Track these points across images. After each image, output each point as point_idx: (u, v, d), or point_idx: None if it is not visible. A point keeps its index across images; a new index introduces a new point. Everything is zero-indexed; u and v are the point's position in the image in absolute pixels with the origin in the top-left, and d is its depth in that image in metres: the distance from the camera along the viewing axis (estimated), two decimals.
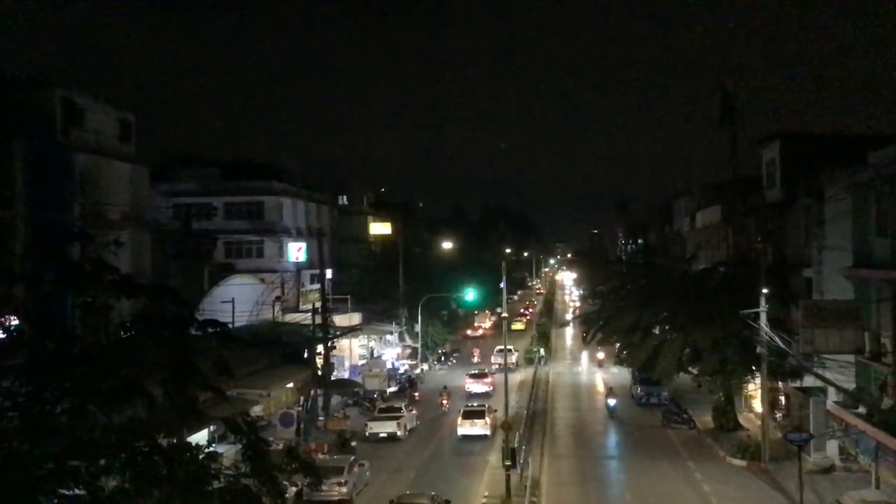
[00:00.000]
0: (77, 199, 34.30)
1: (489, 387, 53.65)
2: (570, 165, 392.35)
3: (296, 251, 60.82)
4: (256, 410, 34.19)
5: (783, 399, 39.63)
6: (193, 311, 16.86)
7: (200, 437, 20.17)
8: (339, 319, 52.31)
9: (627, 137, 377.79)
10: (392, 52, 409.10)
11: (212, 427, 27.11)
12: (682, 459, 36.37)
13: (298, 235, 63.08)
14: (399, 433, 41.12)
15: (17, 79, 33.94)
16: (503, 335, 40.50)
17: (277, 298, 53.11)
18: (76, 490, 11.25)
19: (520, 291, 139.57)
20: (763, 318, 32.85)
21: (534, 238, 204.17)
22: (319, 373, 43.09)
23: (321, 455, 34.73)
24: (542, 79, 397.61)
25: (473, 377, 55.28)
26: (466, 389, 53.78)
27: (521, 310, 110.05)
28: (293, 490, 26.18)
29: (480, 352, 70.39)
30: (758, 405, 39.40)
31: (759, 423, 36.54)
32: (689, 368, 41.83)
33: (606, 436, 42.83)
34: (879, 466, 28.00)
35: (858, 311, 29.37)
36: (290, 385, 41.32)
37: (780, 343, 31.71)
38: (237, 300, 45.43)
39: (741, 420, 41.40)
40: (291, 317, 51.61)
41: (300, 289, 60.72)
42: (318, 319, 43.17)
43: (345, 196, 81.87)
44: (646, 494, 31.91)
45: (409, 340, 65.15)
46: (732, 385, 40.94)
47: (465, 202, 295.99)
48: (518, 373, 61.07)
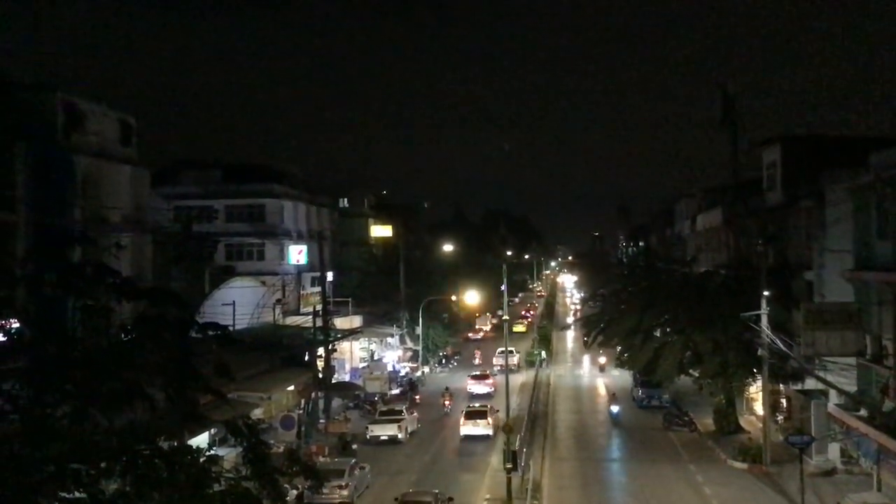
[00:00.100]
0: (78, 202, 34.21)
1: (491, 388, 53.84)
2: (571, 168, 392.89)
3: (297, 254, 60.80)
4: (257, 413, 34.20)
5: (784, 402, 39.61)
6: (194, 314, 16.87)
7: (201, 440, 20.14)
8: (340, 322, 52.35)
9: (628, 140, 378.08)
10: (393, 54, 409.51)
11: (213, 430, 27.07)
12: (684, 462, 36.37)
13: (299, 238, 63.08)
14: (400, 436, 41.12)
15: (19, 82, 33.92)
16: (504, 337, 40.55)
17: (278, 301, 53.13)
18: (77, 493, 11.24)
19: (521, 294, 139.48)
20: (764, 321, 32.84)
21: (535, 240, 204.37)
22: (320, 376, 43.10)
23: (322, 458, 34.75)
24: (543, 80, 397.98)
25: (475, 378, 55.57)
26: (468, 390, 54.07)
27: (523, 312, 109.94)
28: (294, 493, 26.18)
29: (482, 354, 70.30)
30: (759, 408, 39.36)
31: (761, 426, 36.52)
32: (690, 371, 41.82)
33: (608, 438, 42.81)
34: (881, 469, 27.99)
35: (859, 314, 29.37)
36: (291, 388, 41.35)
37: (782, 346, 31.71)
38: (238, 303, 45.42)
39: (742, 423, 41.39)
40: (292, 319, 51.62)
41: (301, 291, 60.72)
42: (319, 322, 43.20)
43: (346, 199, 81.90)
44: (647, 497, 31.94)
45: (410, 343, 65.09)
46: (733, 388, 40.95)
47: (466, 204, 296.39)
48: (519, 375, 61.34)
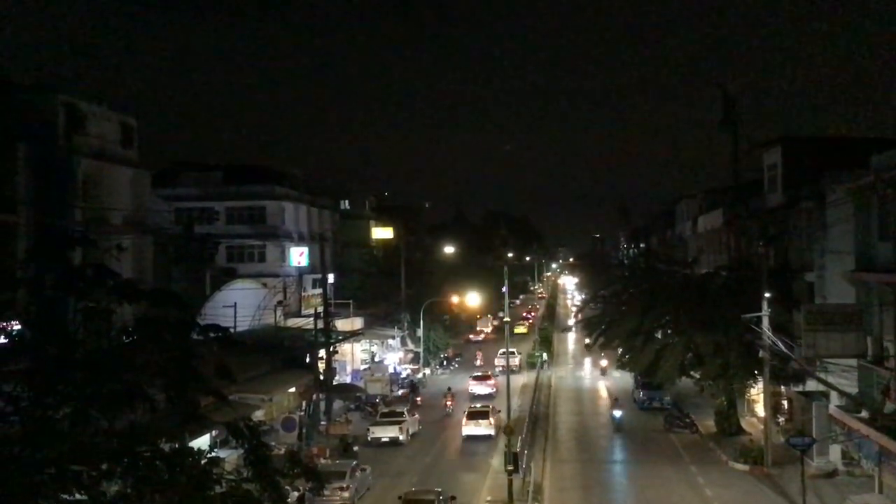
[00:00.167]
0: (79, 204, 34.29)
1: (492, 388, 54.20)
2: (572, 169, 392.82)
3: (298, 256, 60.81)
4: (258, 415, 34.20)
5: (786, 403, 39.58)
6: (195, 316, 16.88)
7: (202, 442, 20.11)
8: (341, 324, 52.38)
9: (629, 141, 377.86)
10: (393, 55, 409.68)
11: (214, 432, 27.08)
12: (685, 464, 36.34)
13: (300, 240, 63.09)
14: (401, 438, 41.13)
15: (20, 83, 34.00)
16: (506, 339, 40.60)
17: (279, 303, 53.09)
18: (77, 495, 11.24)
19: (522, 296, 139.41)
20: (765, 323, 32.82)
21: (535, 242, 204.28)
22: (321, 377, 43.06)
23: (323, 460, 34.74)
24: (544, 81, 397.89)
25: (477, 379, 56.04)
26: (470, 391, 54.45)
27: (524, 313, 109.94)
28: (295, 495, 26.17)
29: (483, 355, 70.40)
30: (760, 409, 39.34)
31: (762, 428, 36.49)
32: (692, 373, 41.82)
33: (609, 440, 42.74)
34: (882, 471, 27.94)
35: (861, 316, 29.33)
36: (292, 390, 41.36)
37: (783, 347, 31.67)
38: (239, 305, 45.40)
39: (744, 424, 41.37)
40: (293, 321, 51.59)
41: (302, 293, 60.69)
42: (320, 324, 43.19)
43: (347, 200, 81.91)
44: (648, 499, 31.92)
45: (412, 345, 65.12)
46: (735, 389, 40.94)
47: (467, 206, 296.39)
48: (521, 376, 61.55)
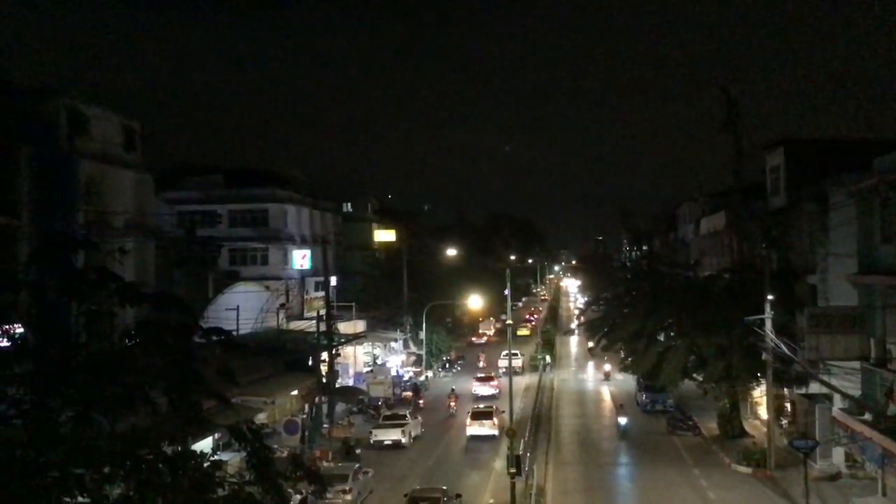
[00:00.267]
0: (81, 207, 34.32)
1: (496, 389, 54.77)
2: (574, 171, 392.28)
3: (300, 258, 60.83)
4: (261, 418, 34.19)
5: (789, 406, 39.54)
6: (198, 319, 16.85)
7: (205, 445, 20.08)
8: (344, 327, 52.37)
9: (632, 143, 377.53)
10: (395, 58, 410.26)
11: (216, 435, 27.03)
12: (688, 466, 36.30)
13: (303, 243, 63.09)
14: (404, 441, 41.14)
15: (23, 87, 34.01)
16: (508, 341, 40.69)
17: (282, 306, 53.09)
18: (80, 498, 11.24)
19: (524, 298, 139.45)
20: (768, 325, 32.78)
21: (538, 244, 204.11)
22: (324, 380, 43.06)
23: (326, 463, 34.72)
24: (545, 83, 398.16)
25: (480, 380, 56.81)
26: (473, 392, 55.12)
27: (526, 316, 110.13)
28: (298, 498, 26.13)
29: (486, 357, 70.68)
30: (763, 412, 39.29)
31: (765, 430, 36.43)
32: (694, 375, 41.76)
33: (611, 443, 42.67)
34: (886, 474, 27.86)
35: (864, 318, 29.27)
36: (295, 392, 41.32)
37: (786, 350, 31.64)
38: (242, 308, 45.43)
39: (746, 427, 41.31)
40: (296, 324, 51.60)
41: (305, 296, 60.76)
42: (323, 327, 43.20)
43: (349, 203, 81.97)
44: (651, 502, 31.91)
45: (414, 347, 65.13)
46: (737, 392, 40.88)
47: (469, 209, 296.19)
48: (523, 377, 62.12)
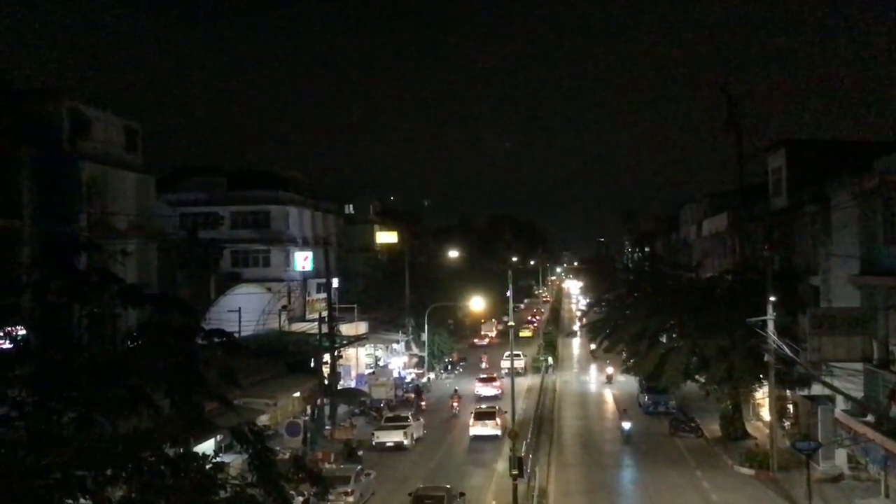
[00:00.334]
0: (84, 209, 34.31)
1: (498, 390, 55.07)
2: (576, 173, 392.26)
3: (302, 260, 60.83)
4: (263, 420, 34.20)
5: (791, 407, 39.47)
6: (200, 321, 16.87)
7: (207, 447, 20.09)
8: (346, 328, 52.39)
9: (634, 145, 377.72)
10: (397, 60, 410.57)
11: (218, 436, 27.07)
12: (690, 468, 36.25)
13: (305, 244, 63.08)
14: (406, 442, 41.13)
15: (25, 89, 34.02)
16: (510, 342, 40.75)
17: (284, 307, 53.11)
18: (82, 500, 11.24)
19: (526, 300, 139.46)
20: (770, 326, 32.73)
21: (540, 246, 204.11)
22: (326, 382, 43.06)
23: (328, 464, 34.69)
24: (548, 86, 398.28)
25: (483, 381, 57.20)
26: (476, 393, 55.44)
27: (528, 317, 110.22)
28: (300, 500, 26.10)
29: (489, 358, 70.91)
30: (766, 413, 39.25)
31: (767, 432, 36.41)
32: (697, 377, 41.72)
33: (614, 445, 42.62)
34: (889, 475, 27.87)
35: (866, 319, 29.24)
36: (297, 394, 41.30)
37: (788, 351, 31.58)
38: (244, 309, 45.42)
39: (749, 428, 41.25)
40: (298, 326, 51.60)
41: (307, 298, 60.72)
42: (325, 328, 43.19)
43: (351, 205, 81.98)
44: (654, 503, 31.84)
45: (416, 349, 65.15)
46: (740, 393, 40.83)
47: (471, 210, 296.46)
48: (526, 378, 62.35)
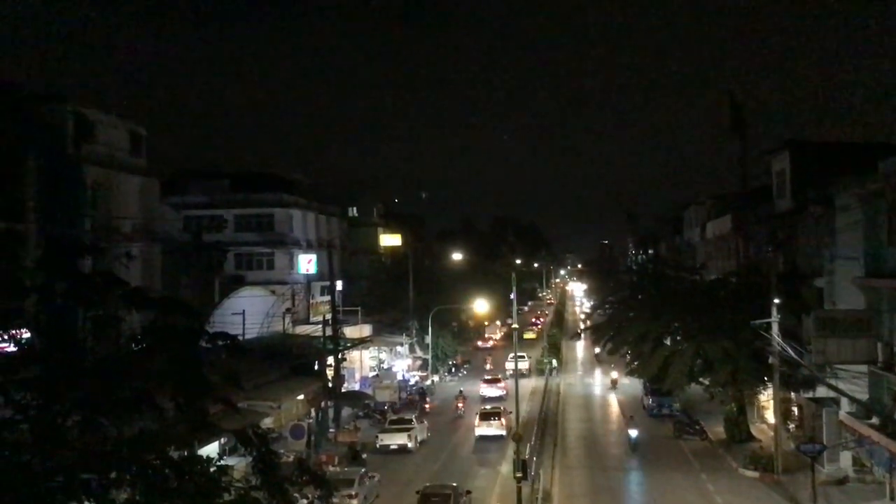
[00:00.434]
0: (88, 212, 34.40)
1: (503, 391, 55.52)
2: (580, 176, 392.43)
3: (306, 263, 60.87)
4: (267, 422, 34.11)
5: (796, 410, 39.40)
6: (204, 324, 16.90)
7: (211, 450, 20.16)
8: (350, 331, 52.38)
9: (637, 148, 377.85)
10: (398, 63, 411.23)
11: (222, 439, 27.13)
12: (695, 471, 36.18)
13: (309, 247, 63.12)
14: (409, 445, 41.09)
15: (30, 93, 34.11)
16: (513, 344, 40.75)
17: (288, 310, 53.13)
18: (87, 503, 11.26)
19: (530, 302, 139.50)
20: (775, 329, 32.66)
21: (544, 248, 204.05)
22: (330, 384, 43.07)
23: (332, 467, 34.68)
24: (551, 89, 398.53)
25: (488, 382, 57.83)
26: (481, 394, 55.96)
27: (532, 319, 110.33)
28: (304, 503, 26.13)
29: (493, 360, 70.90)
30: (770, 416, 39.16)
31: (772, 434, 36.31)
32: (701, 379, 41.66)
33: (618, 448, 42.56)
34: (894, 478, 27.82)
35: (871, 321, 29.21)
36: (301, 397, 41.32)
37: (792, 353, 31.52)
38: (248, 312, 45.44)
39: (753, 431, 41.18)
40: (302, 328, 51.63)
41: (310, 300, 60.75)
42: (329, 331, 43.19)
43: (355, 207, 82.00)
44: None
45: (420, 352, 65.14)
46: (744, 396, 40.77)
47: (475, 213, 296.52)
48: (530, 380, 62.65)
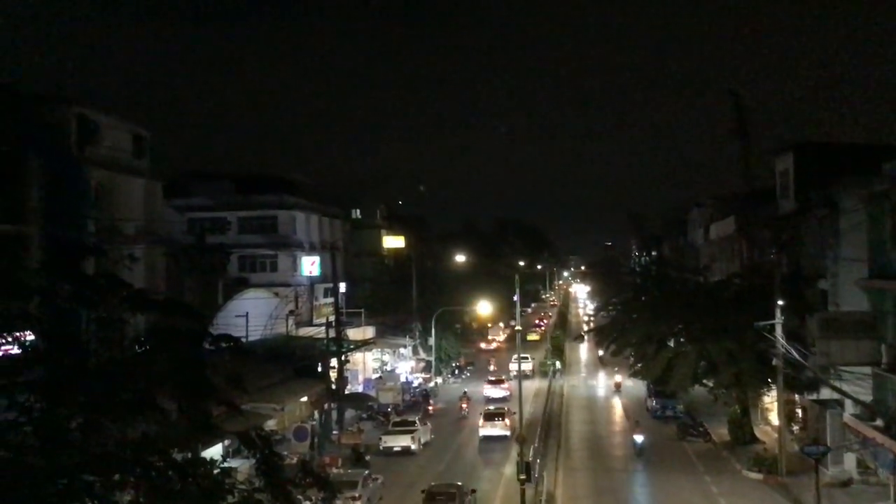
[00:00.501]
0: (91, 215, 34.43)
1: (507, 392, 55.89)
2: (582, 177, 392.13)
3: (309, 265, 60.92)
4: (270, 425, 34.20)
5: (800, 412, 39.35)
6: (207, 326, 16.92)
7: (214, 452, 20.12)
8: (353, 333, 52.42)
9: (640, 149, 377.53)
10: (401, 65, 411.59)
11: (226, 441, 27.09)
12: (699, 473, 36.14)
13: (312, 249, 63.16)
14: (413, 447, 41.12)
15: (33, 95, 34.18)
16: (517, 345, 40.81)
17: (291, 312, 53.18)
18: None
19: (533, 304, 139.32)
20: (779, 330, 32.62)
21: (547, 250, 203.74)
22: (333, 387, 43.08)
23: (335, 469, 34.69)
24: (552, 90, 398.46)
25: (491, 383, 58.47)
26: (485, 394, 56.48)
27: (536, 321, 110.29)
28: None
29: (496, 361, 71.12)
30: (774, 418, 39.12)
31: (776, 436, 36.27)
32: (705, 381, 41.60)
33: (622, 450, 42.52)
34: None
35: (875, 323, 29.15)
36: (304, 399, 41.35)
37: (796, 355, 31.47)
38: (251, 314, 45.48)
39: (757, 433, 41.13)
40: (305, 330, 51.64)
41: (314, 302, 60.75)
42: (332, 333, 43.21)
43: (358, 210, 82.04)
44: None
45: (423, 354, 65.16)
46: (748, 398, 40.71)
47: (477, 215, 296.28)
48: (533, 382, 62.80)
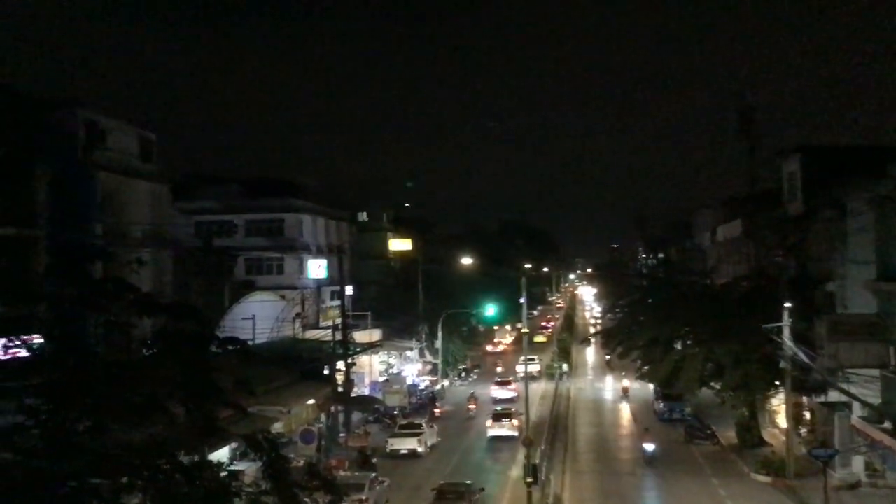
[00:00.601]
0: (99, 218, 34.54)
1: (514, 393, 56.21)
2: (588, 180, 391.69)
3: (316, 268, 60.96)
4: (277, 427, 34.24)
5: (808, 414, 39.22)
6: (214, 329, 16.95)
7: (221, 455, 20.17)
8: (360, 336, 52.38)
9: (646, 151, 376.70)
10: (406, 66, 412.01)
11: (233, 444, 27.13)
12: (706, 476, 36.07)
13: (318, 252, 63.20)
14: (420, 450, 41.10)
15: (41, 99, 34.31)
16: (524, 347, 40.88)
17: (298, 315, 53.22)
18: None
19: (540, 307, 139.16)
20: (786, 333, 32.54)
21: (553, 253, 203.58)
22: (340, 389, 43.07)
23: (342, 472, 34.67)
24: (555, 91, 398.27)
25: (499, 384, 59.02)
26: (492, 395, 56.87)
27: (542, 323, 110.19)
28: None
29: (503, 364, 71.29)
30: (782, 420, 39.00)
31: (784, 439, 36.19)
32: (712, 383, 41.51)
33: (628, 453, 42.46)
34: None
35: (883, 325, 29.08)
36: (311, 402, 41.36)
37: (804, 357, 31.39)
38: (258, 317, 45.56)
39: (765, 436, 41.03)
40: (312, 333, 51.65)
41: (320, 305, 60.81)
42: (339, 336, 43.22)
43: (364, 213, 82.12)
44: None
45: (430, 356, 65.19)
46: (756, 400, 40.61)
47: (483, 218, 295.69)
48: (540, 384, 62.81)
